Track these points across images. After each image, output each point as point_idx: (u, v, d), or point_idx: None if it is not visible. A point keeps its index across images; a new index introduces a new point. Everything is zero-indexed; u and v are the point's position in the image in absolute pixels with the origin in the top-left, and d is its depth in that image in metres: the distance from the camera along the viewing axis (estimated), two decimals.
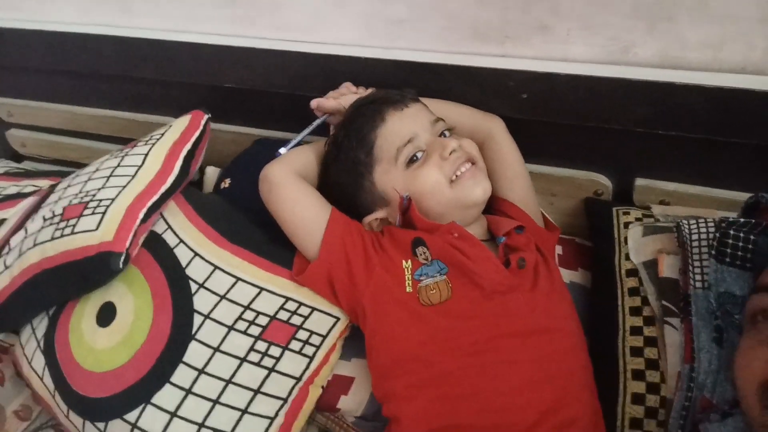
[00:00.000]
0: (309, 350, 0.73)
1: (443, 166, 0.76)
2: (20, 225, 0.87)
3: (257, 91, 1.05)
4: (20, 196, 1.02)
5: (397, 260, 0.75)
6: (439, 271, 0.73)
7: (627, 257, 0.84)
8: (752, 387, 0.54)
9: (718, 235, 0.71)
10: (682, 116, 0.82)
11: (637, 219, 0.88)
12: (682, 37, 0.81)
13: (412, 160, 0.78)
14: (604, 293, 0.83)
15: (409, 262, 0.75)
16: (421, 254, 0.75)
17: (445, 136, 0.81)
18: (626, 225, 0.87)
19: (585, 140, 0.93)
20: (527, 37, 0.88)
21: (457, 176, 0.76)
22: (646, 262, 0.81)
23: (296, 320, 0.74)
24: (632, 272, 0.82)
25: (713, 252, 0.72)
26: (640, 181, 0.93)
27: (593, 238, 0.94)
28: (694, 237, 0.77)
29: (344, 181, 0.81)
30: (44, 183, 1.07)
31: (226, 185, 0.99)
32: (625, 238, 0.85)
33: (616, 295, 0.81)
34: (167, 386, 0.69)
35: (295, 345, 0.72)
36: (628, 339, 0.76)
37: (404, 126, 0.78)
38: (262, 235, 0.83)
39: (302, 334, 0.73)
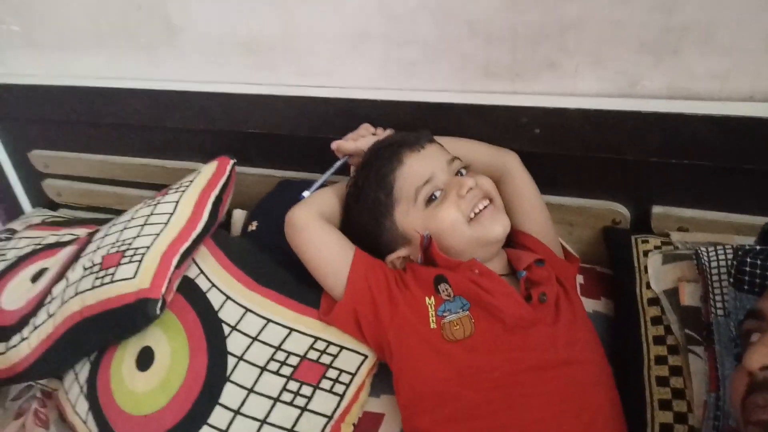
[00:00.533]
0: (339, 388, 0.75)
1: (461, 205, 0.78)
2: (61, 274, 0.92)
3: (280, 135, 1.10)
4: (59, 245, 1.07)
5: (420, 297, 0.77)
6: (461, 306, 0.75)
7: (648, 286, 0.84)
8: (737, 405, 0.56)
9: (735, 263, 0.72)
10: (694, 145, 0.84)
11: (656, 247, 0.89)
12: (689, 68, 0.83)
13: (430, 200, 0.80)
14: (626, 323, 0.84)
15: (432, 298, 0.76)
16: (443, 291, 0.77)
17: (461, 174, 0.83)
18: (645, 253, 0.88)
19: (600, 170, 0.95)
20: (537, 74, 0.91)
21: (475, 214, 0.79)
22: (667, 291, 0.82)
23: (326, 359, 0.76)
24: (654, 301, 0.83)
25: (731, 280, 0.73)
26: (657, 209, 0.94)
27: (613, 268, 0.95)
28: (713, 264, 0.78)
29: (366, 222, 0.83)
30: (81, 231, 1.12)
31: (253, 228, 1.03)
32: (645, 267, 0.86)
33: (639, 324, 0.82)
34: (205, 428, 0.72)
35: (326, 384, 0.75)
36: (654, 369, 0.77)
37: (422, 167, 0.81)
38: (289, 277, 0.87)
39: (332, 373, 0.75)
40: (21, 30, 1.19)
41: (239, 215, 1.13)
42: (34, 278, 0.99)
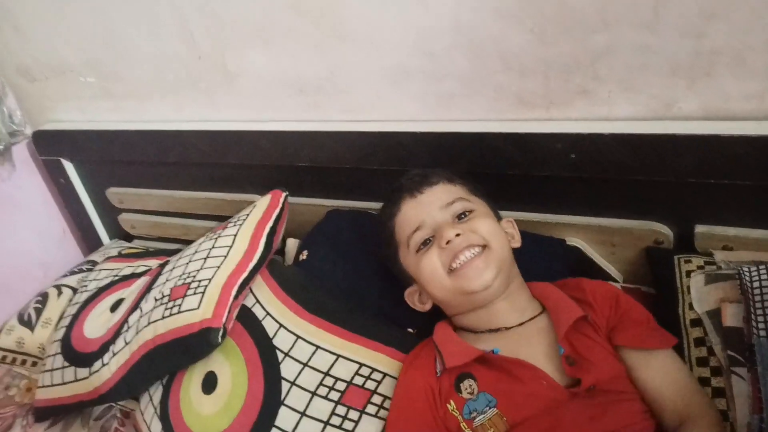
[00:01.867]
0: (384, 414, 0.79)
1: (441, 255, 0.78)
2: (136, 304, 1.02)
3: (328, 168, 1.16)
4: (134, 276, 1.18)
5: (445, 407, 0.73)
6: (487, 404, 0.70)
7: (691, 307, 0.84)
8: None
9: None
10: (732, 166, 0.83)
11: (699, 267, 0.88)
12: (724, 90, 0.83)
13: (425, 244, 0.81)
14: None
15: (452, 402, 0.72)
16: (466, 389, 0.73)
17: (463, 216, 0.82)
18: (688, 274, 0.88)
19: (639, 192, 0.95)
20: (570, 101, 0.93)
21: (457, 266, 0.76)
22: (709, 312, 0.82)
23: (370, 385, 0.81)
24: (696, 322, 0.83)
25: None
26: (700, 228, 0.94)
27: (656, 288, 0.95)
28: (755, 284, 0.78)
29: (387, 257, 0.90)
30: (153, 263, 1.23)
31: (304, 257, 1.09)
32: (688, 287, 0.86)
33: (683, 346, 0.82)
34: None
35: (371, 409, 0.79)
36: None
37: (415, 214, 0.82)
38: (335, 305, 0.92)
39: (377, 399, 0.80)
40: (96, 82, 1.32)
41: (292, 244, 1.20)
42: (113, 308, 1.09)
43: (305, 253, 1.09)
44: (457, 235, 0.77)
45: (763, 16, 0.76)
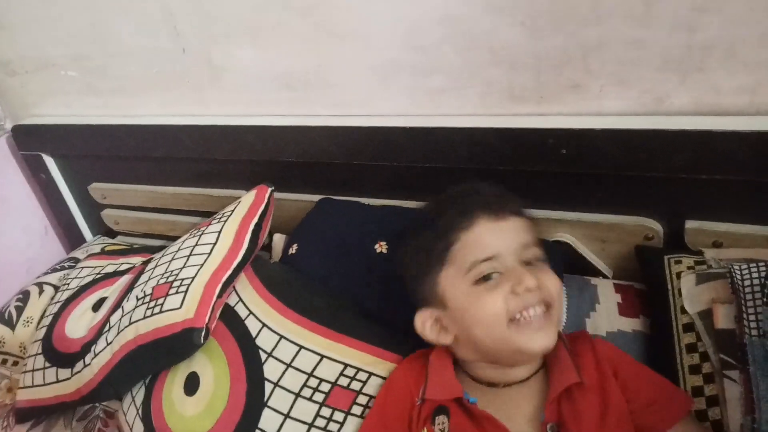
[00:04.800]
0: None
1: (510, 300, 0.68)
2: (118, 304, 1.00)
3: (316, 163, 1.14)
4: (117, 274, 1.15)
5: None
6: None
7: (683, 310, 0.83)
8: None
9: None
10: (723, 161, 0.82)
11: (689, 267, 0.86)
12: (716, 84, 0.82)
13: (483, 279, 0.70)
14: (661, 352, 0.82)
15: (425, 430, 0.70)
16: (438, 424, 0.70)
17: (532, 264, 0.72)
18: (678, 275, 0.86)
19: (630, 187, 0.94)
20: (561, 96, 0.92)
21: (521, 317, 0.68)
22: (701, 313, 0.81)
23: (355, 385, 0.79)
24: (689, 327, 0.81)
25: (765, 299, 0.72)
26: (690, 224, 0.93)
27: (647, 290, 0.93)
28: (747, 283, 0.77)
29: (413, 265, 0.78)
30: (136, 260, 1.20)
31: (294, 251, 1.07)
32: (679, 290, 0.84)
33: (674, 353, 0.81)
34: None
35: (357, 410, 0.77)
36: None
37: (492, 240, 0.71)
38: (321, 304, 0.90)
39: (362, 399, 0.78)
40: (80, 76, 1.29)
41: (279, 239, 1.18)
42: (95, 307, 1.07)
43: (295, 246, 1.07)
44: (536, 285, 0.68)
45: (754, 9, 0.75)
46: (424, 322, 0.76)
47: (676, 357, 0.80)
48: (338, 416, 0.77)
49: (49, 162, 1.45)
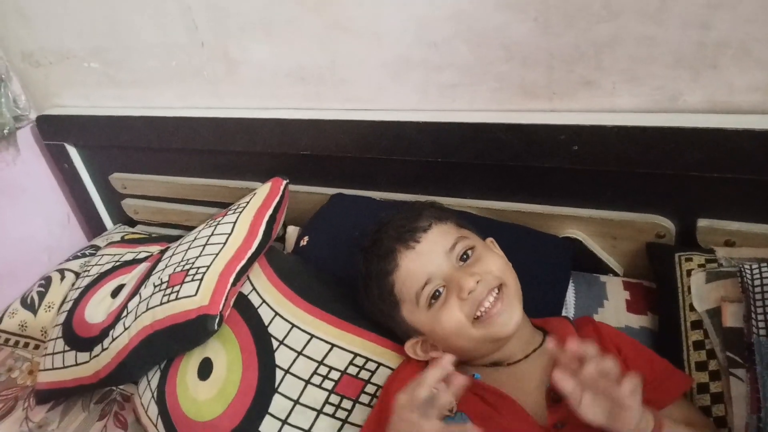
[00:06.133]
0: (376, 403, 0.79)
1: (463, 307, 0.71)
2: (136, 290, 1.02)
3: (330, 156, 1.16)
4: (135, 262, 1.18)
5: None
6: (464, 423, 0.68)
7: (691, 308, 0.83)
8: None
9: None
10: (736, 160, 0.82)
11: (700, 265, 0.86)
12: (729, 82, 0.82)
13: (435, 296, 0.74)
14: (668, 349, 0.82)
15: None
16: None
17: (465, 258, 0.76)
18: (689, 273, 0.86)
19: (642, 185, 0.94)
20: (574, 92, 0.92)
21: (481, 313, 0.71)
22: (709, 311, 0.81)
23: (364, 375, 0.81)
24: (697, 324, 0.82)
25: None
26: (702, 222, 0.93)
27: (657, 287, 0.93)
28: (756, 282, 0.77)
29: (378, 314, 0.82)
30: (154, 248, 1.23)
31: (305, 243, 1.09)
32: (689, 288, 0.85)
33: (682, 349, 0.81)
34: None
35: (365, 398, 0.79)
36: (696, 398, 0.77)
37: (418, 267, 0.74)
38: (332, 293, 0.92)
39: (370, 388, 0.80)
40: (100, 68, 1.32)
41: (292, 231, 1.20)
42: (114, 293, 1.10)
43: (306, 239, 1.09)
44: (477, 282, 0.71)
45: None
46: (414, 350, 0.79)
47: (683, 353, 0.81)
48: (346, 404, 0.79)
49: (72, 152, 1.50)
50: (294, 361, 0.83)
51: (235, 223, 1.02)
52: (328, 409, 0.78)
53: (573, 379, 0.60)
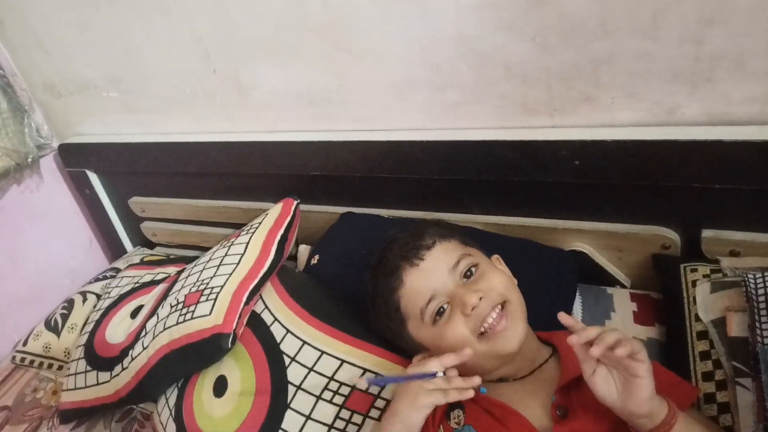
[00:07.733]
0: None
1: (468, 323, 0.73)
2: (153, 311, 1.06)
3: (338, 176, 1.19)
4: (154, 283, 1.22)
5: (437, 428, 0.73)
6: None
7: (697, 318, 0.84)
8: None
9: None
10: (735, 170, 0.83)
11: (705, 276, 0.87)
12: (726, 94, 0.83)
13: (439, 312, 0.76)
14: (675, 359, 0.83)
15: (441, 428, 0.73)
16: (454, 418, 0.73)
17: (469, 275, 0.78)
18: (694, 283, 0.87)
19: (645, 197, 0.95)
20: (574, 108, 0.94)
21: (485, 329, 0.73)
22: (714, 321, 0.81)
23: (374, 390, 0.83)
24: (702, 335, 0.82)
25: None
26: (707, 233, 0.93)
27: (664, 298, 0.94)
28: (761, 291, 0.77)
29: (386, 330, 0.84)
30: (172, 270, 1.27)
31: (315, 261, 1.12)
32: (694, 298, 0.85)
33: (688, 360, 0.82)
34: None
35: (375, 413, 0.81)
36: (703, 408, 0.77)
37: (422, 284, 0.76)
38: (342, 311, 0.95)
39: (380, 403, 0.81)
40: (118, 97, 1.37)
41: (304, 250, 1.23)
42: (133, 314, 1.13)
43: (316, 257, 1.11)
44: (480, 299, 0.73)
45: (761, 20, 0.76)
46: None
47: (689, 364, 0.81)
48: (357, 419, 0.80)
49: (93, 178, 1.55)
50: (305, 377, 0.85)
51: (247, 243, 1.05)
52: (339, 423, 0.80)
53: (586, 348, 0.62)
